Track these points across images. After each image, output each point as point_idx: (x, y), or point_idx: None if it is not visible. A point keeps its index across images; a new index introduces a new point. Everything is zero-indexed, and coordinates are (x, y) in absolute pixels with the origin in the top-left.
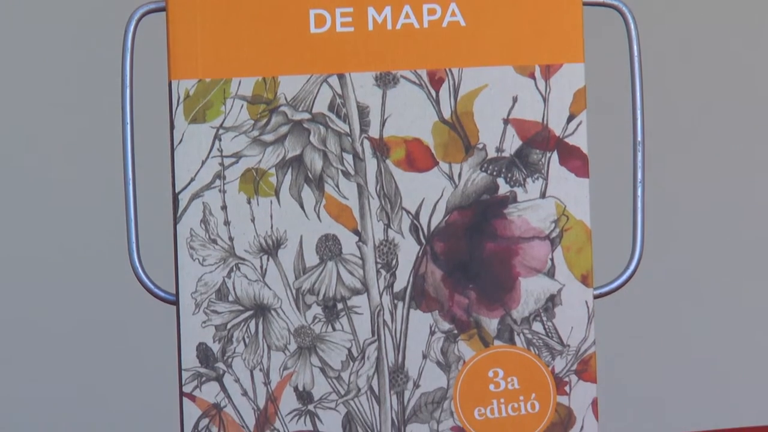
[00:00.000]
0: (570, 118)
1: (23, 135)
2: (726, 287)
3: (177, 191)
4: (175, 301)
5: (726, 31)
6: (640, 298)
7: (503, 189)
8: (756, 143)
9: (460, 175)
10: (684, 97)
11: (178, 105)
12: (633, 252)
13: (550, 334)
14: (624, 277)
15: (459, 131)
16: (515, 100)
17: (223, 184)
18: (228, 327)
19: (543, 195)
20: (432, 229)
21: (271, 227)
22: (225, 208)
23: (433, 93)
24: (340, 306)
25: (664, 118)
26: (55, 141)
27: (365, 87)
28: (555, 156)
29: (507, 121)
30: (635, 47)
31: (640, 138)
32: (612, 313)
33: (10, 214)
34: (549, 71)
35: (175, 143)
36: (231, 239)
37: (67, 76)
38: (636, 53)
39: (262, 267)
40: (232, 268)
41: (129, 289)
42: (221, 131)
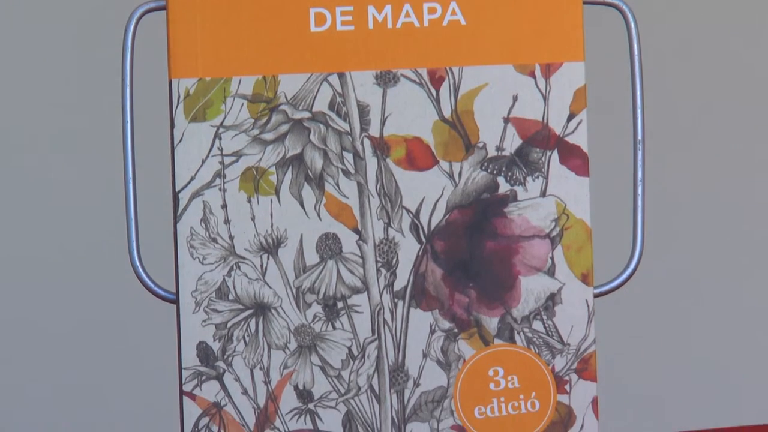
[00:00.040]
0: (570, 116)
1: (23, 134)
2: (726, 286)
3: (177, 190)
4: (176, 300)
5: (726, 31)
6: (640, 297)
7: (503, 188)
8: (756, 142)
9: (460, 174)
10: (684, 96)
11: (178, 104)
12: (633, 251)
13: (550, 332)
14: (624, 276)
15: (459, 130)
16: (515, 98)
17: (224, 182)
18: (228, 326)
19: (543, 194)
20: (432, 228)
21: (272, 226)
22: (225, 206)
23: (434, 92)
24: (340, 305)
25: (664, 117)
26: (55, 140)
27: (365, 86)
28: (555, 155)
29: (507, 120)
30: (635, 46)
31: (640, 137)
32: (612, 312)
33: (10, 213)
34: (549, 70)
35: (176, 142)
36: (231, 238)
37: (67, 75)
38: (636, 52)
39: (262, 266)
40: (232, 266)
41: (129, 288)
42: (221, 130)
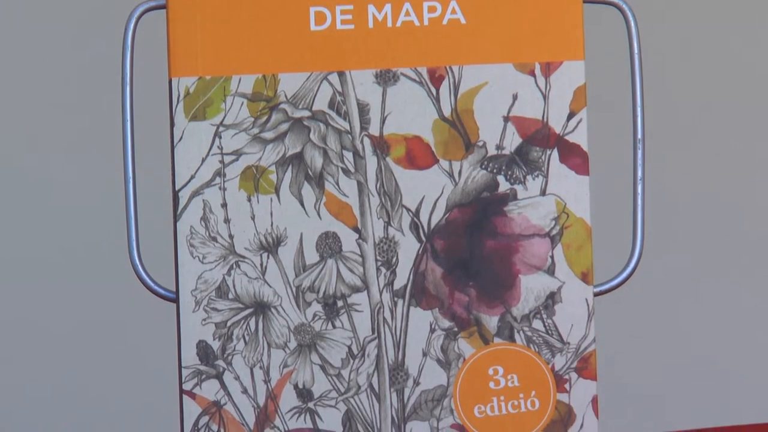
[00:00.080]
0: (570, 115)
1: (23, 134)
2: (726, 285)
3: (177, 189)
4: (175, 299)
5: (726, 29)
6: (640, 295)
7: (503, 186)
8: (756, 141)
9: (460, 173)
10: (684, 95)
11: (178, 102)
12: (633, 250)
13: (550, 331)
14: (624, 275)
15: (459, 129)
16: (515, 97)
17: (223, 181)
18: (228, 324)
19: (543, 192)
20: (432, 227)
21: (271, 225)
22: (225, 205)
23: (434, 90)
24: (340, 303)
25: (664, 115)
26: (55, 139)
27: (365, 84)
28: (555, 153)
29: (507, 119)
30: (635, 45)
31: (640, 135)
32: (612, 311)
33: (9, 212)
34: (549, 69)
35: (176, 141)
36: (231, 237)
37: (67, 74)
38: (636, 51)
39: (262, 264)
40: (232, 265)
41: (129, 287)
42: (221, 129)
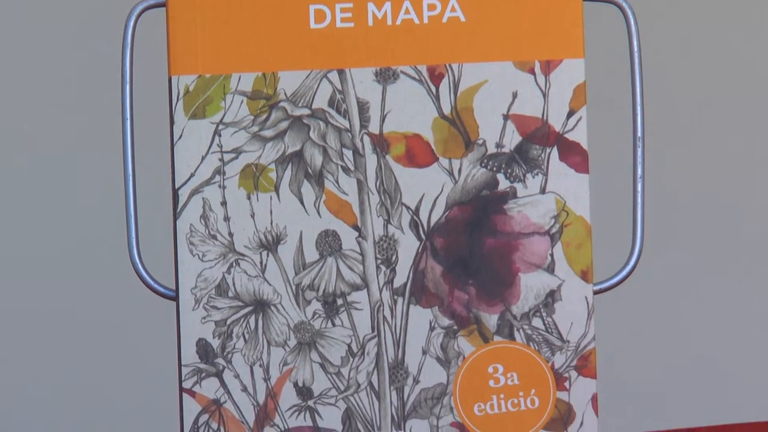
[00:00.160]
0: (570, 113)
1: (23, 132)
2: (726, 283)
3: (177, 187)
4: (175, 297)
5: (726, 28)
6: (639, 293)
7: (503, 185)
8: (756, 139)
9: (460, 171)
10: (684, 93)
11: (177, 101)
12: (633, 248)
13: (549, 329)
14: (624, 273)
15: (459, 127)
16: (515, 95)
17: (223, 179)
18: (228, 323)
19: (543, 191)
20: (432, 225)
21: (271, 223)
22: (225, 203)
23: (433, 88)
24: (339, 302)
25: (663, 114)
26: (55, 138)
27: (365, 82)
28: (555, 152)
29: (507, 117)
30: (635, 43)
31: (640, 134)
32: (612, 309)
33: (9, 211)
34: (549, 67)
35: (175, 139)
36: (231, 235)
37: (67, 72)
38: (636, 49)
39: (261, 263)
40: (231, 263)
41: (129, 285)
42: (221, 127)
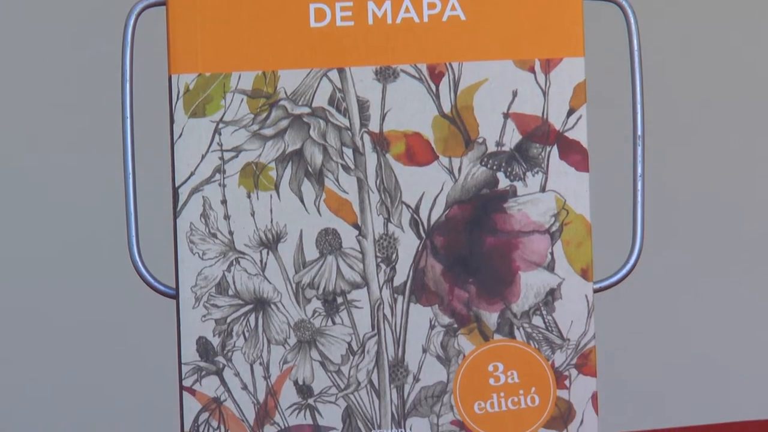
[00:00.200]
0: (570, 112)
1: (23, 130)
2: (725, 282)
3: (177, 185)
4: (175, 295)
5: (726, 27)
6: (639, 292)
7: (503, 183)
8: (756, 138)
9: (460, 170)
10: (684, 92)
11: (178, 99)
12: (633, 246)
13: (549, 328)
14: (624, 272)
15: (459, 125)
16: (515, 94)
17: (223, 178)
18: (228, 321)
19: (543, 189)
20: (432, 223)
21: (271, 221)
22: (225, 202)
23: (433, 87)
24: (339, 300)
25: (664, 112)
26: (55, 136)
27: (365, 81)
28: (555, 150)
29: (507, 116)
30: (635, 42)
31: (640, 132)
32: (612, 308)
33: (9, 210)
34: (549, 65)
35: (175, 137)
36: (231, 233)
37: (67, 71)
38: (636, 48)
39: (261, 261)
40: (232, 262)
41: (129, 283)
42: (221, 125)
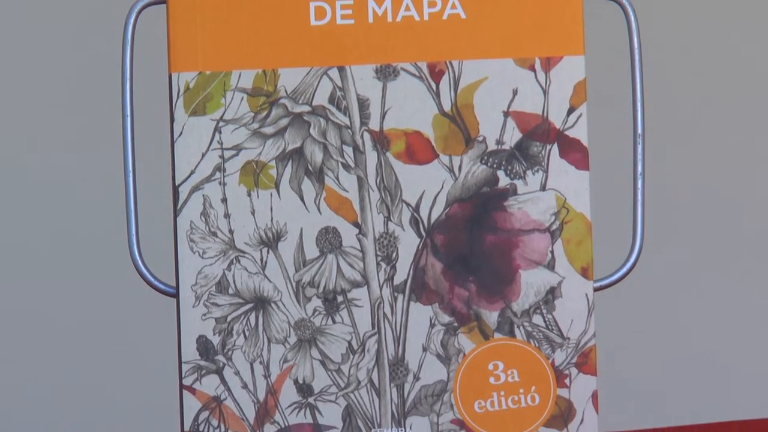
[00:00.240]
0: (570, 110)
1: (23, 129)
2: (726, 280)
3: (177, 184)
4: (175, 294)
5: (726, 25)
6: (640, 290)
7: (503, 181)
8: (756, 136)
9: (460, 168)
10: (684, 90)
11: (178, 98)
12: (633, 245)
13: (550, 326)
14: (624, 270)
15: (459, 124)
16: (515, 92)
17: (223, 176)
18: (228, 320)
19: (543, 187)
20: (432, 222)
21: (271, 220)
22: (225, 200)
23: (434, 85)
24: (340, 299)
25: (664, 111)
26: (55, 135)
27: (365, 79)
28: (555, 148)
29: (507, 114)
30: (635, 40)
31: (640, 131)
32: (612, 306)
33: (9, 209)
34: (549, 64)
35: (175, 136)
36: (231, 232)
37: (67, 70)
38: (636, 46)
39: (262, 259)
40: (232, 260)
41: (129, 282)
42: (221, 124)
